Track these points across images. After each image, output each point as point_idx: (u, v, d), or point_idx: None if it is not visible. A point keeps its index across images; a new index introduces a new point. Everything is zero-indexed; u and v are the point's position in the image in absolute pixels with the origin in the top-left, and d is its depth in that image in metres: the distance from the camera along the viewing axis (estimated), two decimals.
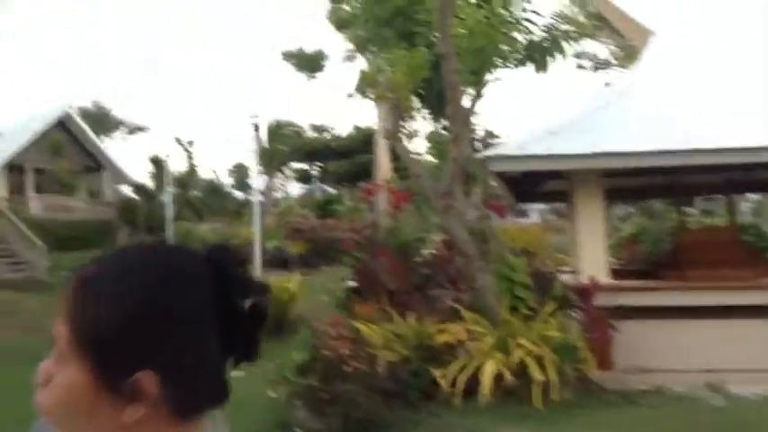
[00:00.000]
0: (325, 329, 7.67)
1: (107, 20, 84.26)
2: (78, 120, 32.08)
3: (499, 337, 7.78)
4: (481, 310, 8.23)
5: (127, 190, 36.11)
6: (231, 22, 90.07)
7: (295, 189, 52.23)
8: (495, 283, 8.45)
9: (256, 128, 15.48)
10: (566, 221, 14.42)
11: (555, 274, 9.86)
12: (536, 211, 36.49)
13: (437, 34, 8.20)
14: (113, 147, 39.31)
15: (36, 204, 28.06)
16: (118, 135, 44.67)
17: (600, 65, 30.88)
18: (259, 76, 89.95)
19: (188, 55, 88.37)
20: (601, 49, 28.11)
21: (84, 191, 32.98)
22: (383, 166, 20.31)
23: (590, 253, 9.20)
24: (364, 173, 36.12)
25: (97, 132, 35.13)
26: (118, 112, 43.42)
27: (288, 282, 13.40)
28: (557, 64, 10.64)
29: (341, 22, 16.03)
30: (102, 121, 40.27)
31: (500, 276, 8.60)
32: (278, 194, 44.05)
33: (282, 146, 34.55)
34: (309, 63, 35.02)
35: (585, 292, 8.65)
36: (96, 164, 33.22)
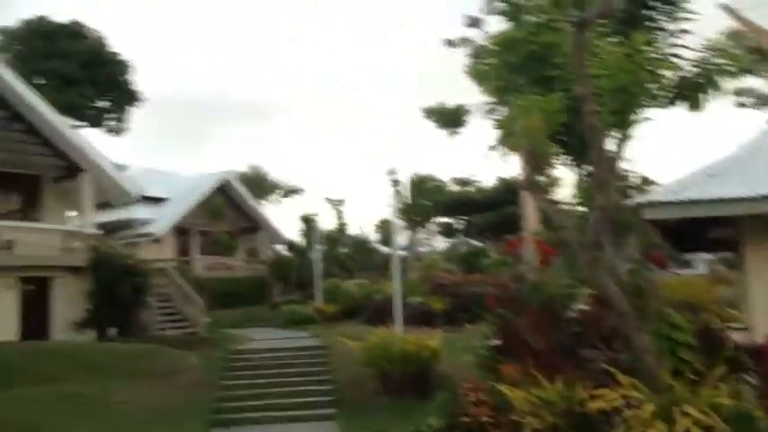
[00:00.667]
0: (464, 393, 7.24)
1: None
2: (237, 184, 34.29)
3: (661, 405, 6.94)
4: (639, 374, 7.41)
5: (281, 248, 37.85)
6: (367, 81, 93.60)
7: (440, 243, 52.25)
8: (655, 343, 7.61)
9: (395, 183, 15.51)
10: (735, 272, 12.96)
11: (725, 333, 8.76)
12: (703, 262, 33.62)
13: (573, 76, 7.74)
14: (270, 208, 41.58)
15: (200, 264, 30.07)
16: (274, 197, 47.18)
17: (762, 102, 28.27)
18: (399, 132, 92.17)
19: (331, 114, 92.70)
20: (764, 84, 25.77)
21: (243, 250, 35.03)
22: (530, 217, 19.63)
23: (764, 308, 8.09)
24: (510, 225, 35.31)
25: (255, 195, 37.28)
26: (274, 175, 45.96)
27: (430, 339, 13.06)
28: (714, 102, 9.73)
29: (480, 75, 15.83)
30: (260, 184, 42.72)
31: (660, 335, 7.75)
32: (422, 249, 44.16)
33: (425, 200, 34.69)
34: (451, 118, 35.21)
35: (761, 353, 7.57)
36: (253, 224, 35.24)
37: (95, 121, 37.72)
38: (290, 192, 46.77)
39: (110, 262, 18.90)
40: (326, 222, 40.19)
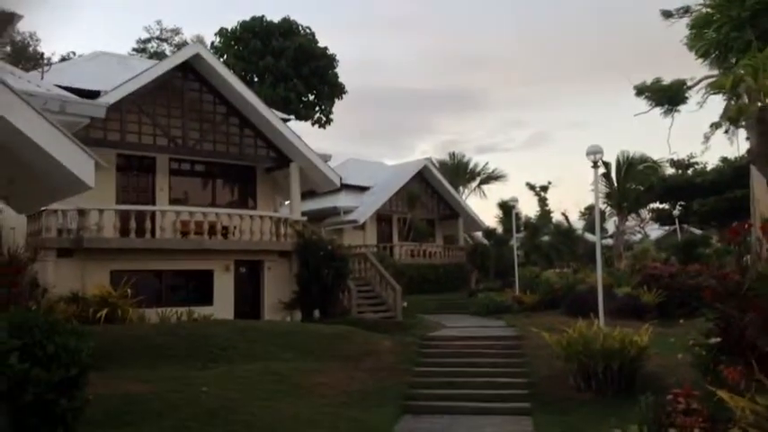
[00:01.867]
0: (673, 399, 6.25)
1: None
2: (435, 172, 34.43)
3: None
4: None
5: (480, 235, 37.42)
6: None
7: (653, 231, 48.27)
8: None
9: (597, 164, 14.21)
10: None
11: None
12: None
13: None
14: (470, 195, 41.31)
15: (399, 250, 30.68)
16: (473, 184, 46.82)
17: None
18: (607, 113, 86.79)
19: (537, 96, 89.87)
20: None
21: (441, 237, 35.18)
22: (761, 198, 17.07)
23: None
24: (737, 210, 31.52)
25: (454, 182, 37.24)
26: (475, 161, 45.58)
27: (637, 334, 11.82)
28: None
29: (701, 41, 13.95)
30: (460, 171, 42.60)
31: None
32: (632, 237, 41.08)
33: (636, 184, 32.06)
34: (668, 95, 32.18)
35: None
36: (452, 211, 35.22)
37: (303, 114, 40.12)
38: (491, 178, 46.04)
39: (314, 247, 19.79)
40: (527, 209, 39.00)
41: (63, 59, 32.13)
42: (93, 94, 16.52)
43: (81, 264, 16.52)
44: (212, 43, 39.90)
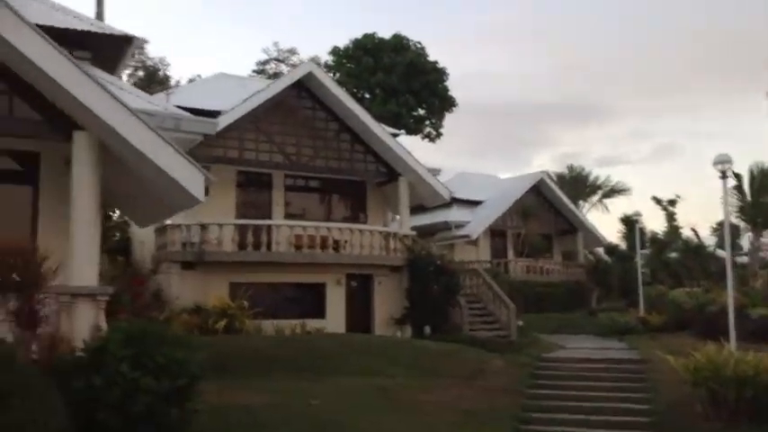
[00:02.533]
0: None
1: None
2: (552, 185, 33.35)
3: None
4: None
5: (601, 252, 35.76)
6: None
7: None
8: None
9: (723, 175, 13.06)
10: None
11: None
12: None
13: None
14: (590, 209, 39.75)
15: (514, 267, 29.87)
16: (594, 198, 45.00)
17: None
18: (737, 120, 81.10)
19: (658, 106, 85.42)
20: None
21: (559, 253, 33.93)
22: None
23: None
24: None
25: (574, 196, 35.95)
26: (595, 175, 43.80)
27: None
28: None
29: None
30: (579, 185, 41.09)
31: None
32: None
33: None
34: None
35: None
36: (570, 226, 33.90)
37: (413, 129, 40.24)
38: (614, 191, 44.10)
39: (424, 261, 19.61)
40: (653, 224, 36.86)
41: (191, 81, 34.01)
42: (212, 114, 17.28)
43: (202, 276, 17.24)
44: (326, 62, 41.02)
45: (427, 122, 41.89)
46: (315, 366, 13.43)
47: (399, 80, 38.74)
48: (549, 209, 33.40)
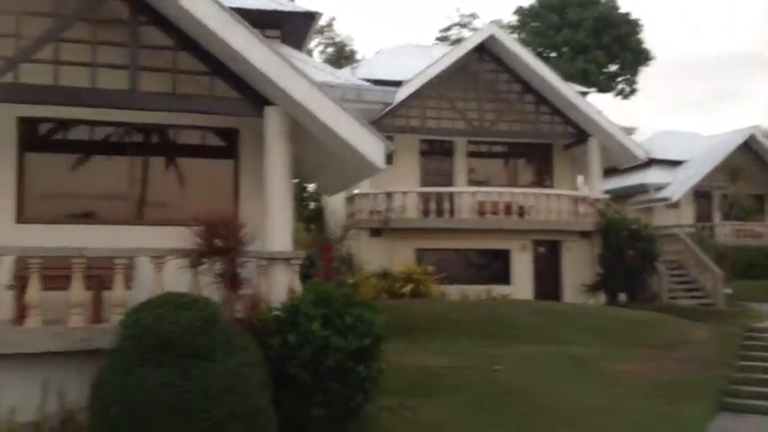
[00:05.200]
0: None
1: None
2: (765, 141, 29.83)
3: None
4: None
5: None
6: None
7: None
8: None
9: None
10: None
11: None
12: None
13: None
14: None
15: (721, 231, 27.31)
16: None
17: None
18: None
19: None
20: None
21: None
22: None
23: None
24: None
25: None
26: None
27: None
28: None
29: None
30: None
31: None
32: None
33: None
34: None
35: None
36: None
37: (605, 86, 37.95)
38: None
39: (617, 226, 18.60)
40: None
41: (376, 54, 34.94)
42: (395, 84, 17.60)
43: (389, 242, 17.83)
44: (508, 23, 39.91)
45: (619, 79, 39.32)
46: (500, 332, 13.33)
47: (587, 36, 36.68)
48: (761, 167, 29.96)
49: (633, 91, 39.46)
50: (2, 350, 6.61)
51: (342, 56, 36.05)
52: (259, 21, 8.31)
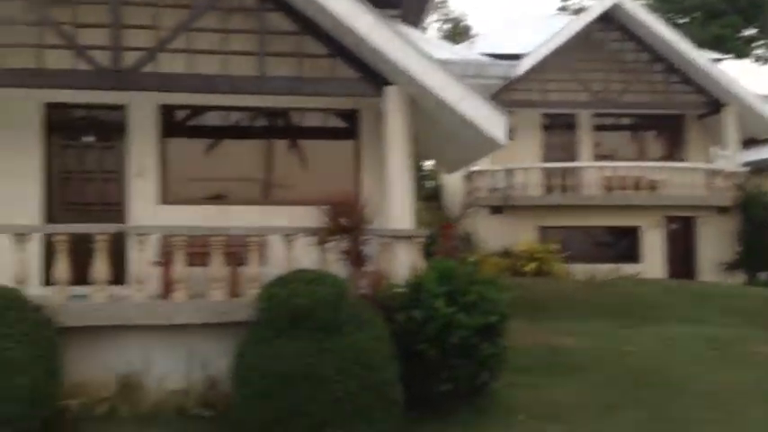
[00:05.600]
0: None
1: None
2: None
3: None
4: None
5: None
6: None
7: None
8: None
9: None
10: None
11: None
12: None
13: None
14: None
15: None
16: None
17: None
18: None
19: None
20: None
21: None
22: None
23: None
24: None
25: None
26: None
27: None
28: None
29: None
30: None
31: None
32: None
33: None
34: None
35: None
36: None
37: (741, 52, 35.17)
38: None
39: (757, 201, 17.36)
40: None
41: (493, 29, 34.34)
42: (515, 58, 17.21)
43: (509, 220, 17.59)
44: None
45: (757, 44, 36.31)
46: (630, 312, 12.81)
47: (722, 0, 34.11)
48: None
49: None
50: (152, 321, 7.15)
51: (456, 32, 35.68)
52: (378, 0, 8.36)
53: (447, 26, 37.65)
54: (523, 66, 17.50)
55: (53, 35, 7.84)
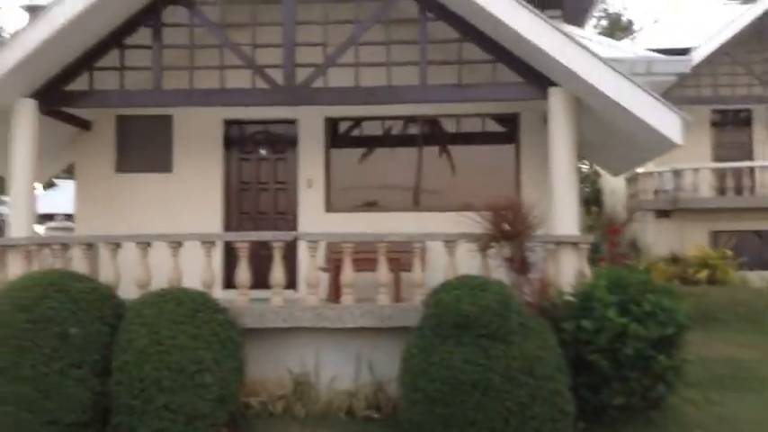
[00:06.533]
0: None
1: None
2: None
3: None
4: None
5: None
6: None
7: None
8: None
9: None
10: None
11: None
12: None
13: None
14: None
15: None
16: None
17: None
18: None
19: None
20: None
21: None
22: None
23: None
24: None
25: None
26: None
27: None
28: None
29: None
30: None
31: None
32: None
33: None
34: None
35: None
36: None
37: None
38: None
39: None
40: None
41: (655, 22, 32.52)
42: (682, 52, 16.18)
43: (678, 224, 16.59)
44: None
45: None
46: None
47: None
48: None
49: None
50: (323, 324, 7.48)
51: (617, 27, 34.11)
52: (539, 1, 8.20)
53: (604, 23, 36.15)
54: (694, 60, 16.45)
55: (234, 57, 8.47)
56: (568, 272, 7.75)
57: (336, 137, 10.66)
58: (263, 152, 10.57)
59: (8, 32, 31.76)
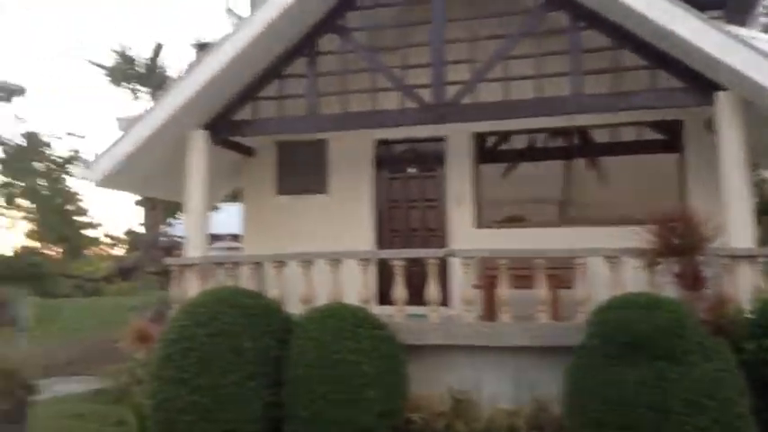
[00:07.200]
0: None
1: None
2: None
3: None
4: None
5: None
6: None
7: None
8: None
9: None
10: None
11: None
12: None
13: None
14: None
15: None
16: None
17: None
18: None
19: None
20: None
21: None
22: None
23: None
24: None
25: None
26: None
27: None
28: None
29: None
30: None
31: None
32: None
33: None
34: None
35: None
36: None
37: None
38: None
39: None
40: None
41: None
42: None
43: None
44: None
45: None
46: None
47: None
48: None
49: None
50: (481, 342, 7.40)
51: None
52: (699, 3, 7.68)
53: (765, 20, 33.33)
54: None
55: (384, 79, 8.69)
56: (745, 287, 7.17)
57: (484, 152, 10.59)
58: (411, 170, 10.71)
59: (164, 66, 34.44)
